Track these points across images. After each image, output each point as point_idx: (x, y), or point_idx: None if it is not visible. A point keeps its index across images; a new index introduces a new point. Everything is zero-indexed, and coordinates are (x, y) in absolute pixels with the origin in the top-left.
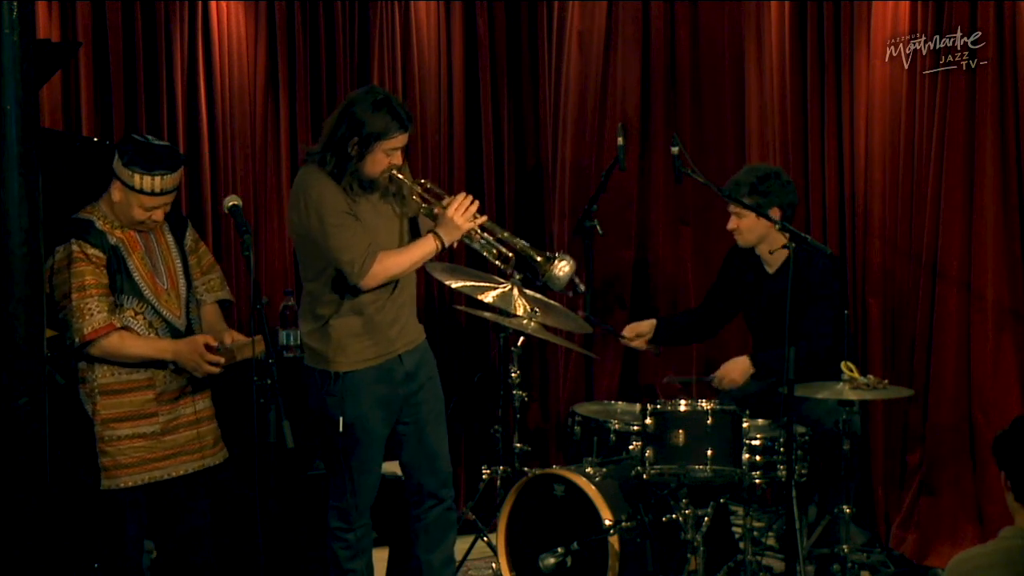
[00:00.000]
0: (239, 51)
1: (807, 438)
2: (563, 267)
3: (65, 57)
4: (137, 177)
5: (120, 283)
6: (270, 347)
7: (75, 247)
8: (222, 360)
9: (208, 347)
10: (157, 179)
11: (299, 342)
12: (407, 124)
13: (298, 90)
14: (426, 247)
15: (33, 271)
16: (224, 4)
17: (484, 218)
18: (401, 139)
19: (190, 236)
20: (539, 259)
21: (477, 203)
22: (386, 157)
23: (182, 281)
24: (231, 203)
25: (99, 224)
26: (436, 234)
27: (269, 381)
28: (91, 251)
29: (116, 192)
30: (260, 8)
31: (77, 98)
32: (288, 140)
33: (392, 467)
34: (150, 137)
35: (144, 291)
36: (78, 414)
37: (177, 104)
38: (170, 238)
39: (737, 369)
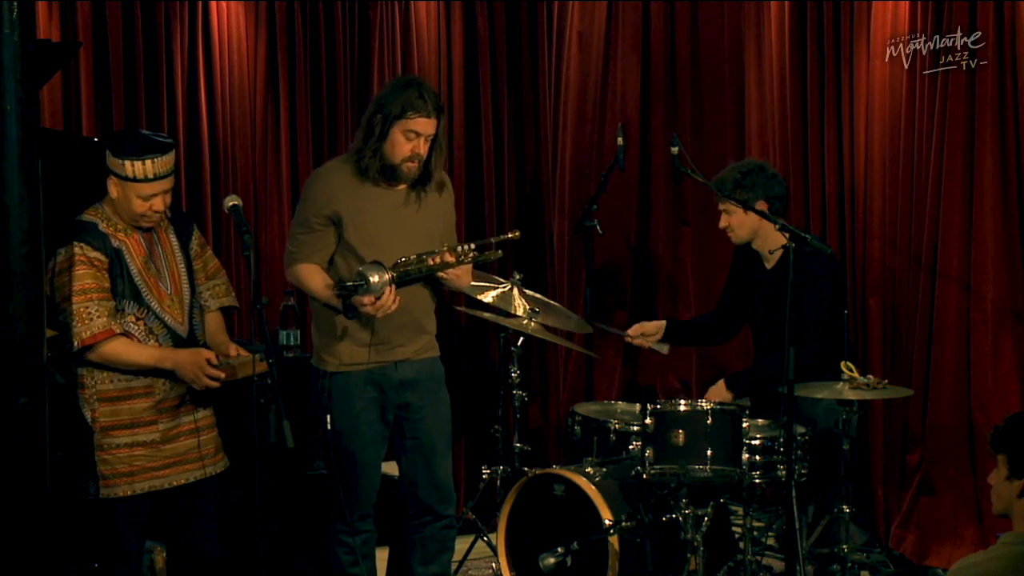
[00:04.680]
0: (239, 51)
1: (807, 438)
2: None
3: (65, 57)
4: (128, 164)
5: (121, 287)
6: (270, 347)
7: (77, 249)
8: (222, 375)
9: (210, 362)
10: (148, 163)
11: (299, 342)
12: (432, 111)
13: (298, 90)
14: (331, 300)
15: (33, 271)
16: (224, 4)
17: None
18: (422, 123)
19: (196, 241)
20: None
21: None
22: (406, 141)
23: (186, 286)
24: (231, 203)
25: (102, 227)
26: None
27: (269, 381)
28: (93, 254)
29: (113, 188)
30: (260, 8)
31: (77, 98)
32: (288, 140)
33: (392, 468)
34: (142, 131)
35: (146, 296)
36: (78, 420)
37: (177, 104)
38: (175, 241)
39: (716, 395)
